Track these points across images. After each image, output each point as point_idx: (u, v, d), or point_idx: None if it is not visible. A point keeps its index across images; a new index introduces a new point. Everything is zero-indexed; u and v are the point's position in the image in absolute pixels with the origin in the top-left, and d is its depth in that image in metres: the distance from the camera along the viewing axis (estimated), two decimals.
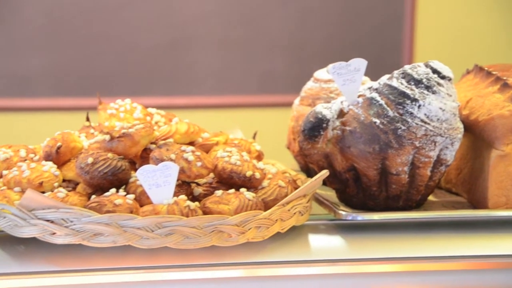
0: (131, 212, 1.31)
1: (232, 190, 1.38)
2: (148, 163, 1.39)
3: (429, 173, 1.49)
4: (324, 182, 1.51)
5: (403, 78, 1.47)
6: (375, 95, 1.47)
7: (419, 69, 1.47)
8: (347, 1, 3.50)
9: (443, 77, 1.47)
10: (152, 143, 1.45)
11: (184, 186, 1.40)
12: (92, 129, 1.58)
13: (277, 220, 1.36)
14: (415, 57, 3.54)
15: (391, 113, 1.44)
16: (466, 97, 1.59)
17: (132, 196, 1.34)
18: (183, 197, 1.35)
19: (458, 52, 3.53)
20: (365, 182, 1.49)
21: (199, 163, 1.39)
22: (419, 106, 1.44)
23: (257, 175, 1.42)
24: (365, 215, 1.47)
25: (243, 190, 1.39)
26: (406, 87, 1.45)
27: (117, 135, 1.41)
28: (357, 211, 1.50)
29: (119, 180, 1.38)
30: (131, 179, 1.39)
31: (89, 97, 3.29)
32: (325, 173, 1.43)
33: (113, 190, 1.35)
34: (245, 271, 1.36)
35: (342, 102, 1.50)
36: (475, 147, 1.57)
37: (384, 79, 1.49)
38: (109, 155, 1.39)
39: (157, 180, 1.33)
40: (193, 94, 3.48)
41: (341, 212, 1.47)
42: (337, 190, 1.56)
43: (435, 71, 1.47)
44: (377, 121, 1.44)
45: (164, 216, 1.29)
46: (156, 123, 1.59)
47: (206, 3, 3.42)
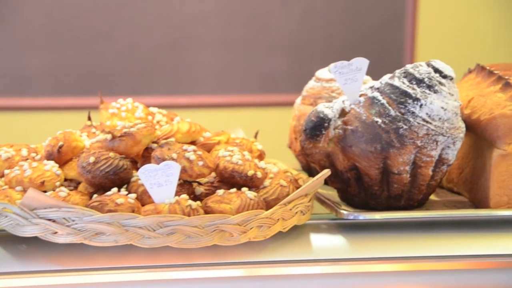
0: (133, 212, 1.31)
1: (234, 190, 1.38)
2: (149, 162, 1.39)
3: (430, 172, 1.49)
4: (326, 182, 1.51)
5: (405, 77, 1.47)
6: (376, 94, 1.47)
7: (420, 69, 1.47)
8: (348, 0, 3.50)
9: (445, 77, 1.47)
10: (153, 142, 1.45)
11: (186, 185, 1.40)
12: (94, 128, 1.58)
13: (278, 219, 1.36)
14: (416, 56, 3.53)
15: (392, 112, 1.44)
16: (468, 97, 1.58)
17: (133, 196, 1.35)
18: (184, 196, 1.35)
19: (459, 51, 3.53)
20: (366, 181, 1.49)
21: (200, 163, 1.39)
22: (420, 106, 1.43)
23: (259, 174, 1.42)
24: (366, 215, 1.47)
25: (244, 189, 1.39)
26: (408, 86, 1.45)
27: (118, 134, 1.41)
28: (358, 210, 1.50)
29: (120, 179, 1.38)
30: (133, 178, 1.39)
31: (90, 96, 3.29)
32: (326, 172, 1.43)
33: (114, 189, 1.35)
34: (246, 270, 1.36)
35: (343, 101, 1.50)
36: (477, 146, 1.57)
37: (386, 78, 1.49)
38: (111, 154, 1.39)
39: (159, 180, 1.33)
40: (194, 93, 3.48)
41: (342, 211, 1.47)
42: (338, 189, 1.56)
43: (437, 70, 1.47)
44: (379, 120, 1.44)
45: (166, 215, 1.29)
46: (158, 122, 1.59)
47: (208, 2, 3.42)
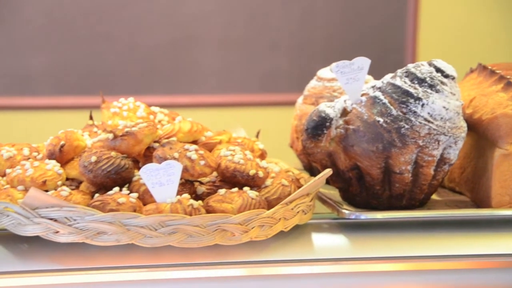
0: (135, 211, 1.31)
1: (235, 189, 1.38)
2: (151, 161, 1.39)
3: (432, 172, 1.49)
4: (327, 181, 1.51)
5: (407, 77, 1.47)
6: (378, 94, 1.47)
7: (422, 68, 1.47)
8: None
9: (446, 76, 1.47)
10: (155, 141, 1.45)
11: (187, 184, 1.40)
12: (95, 128, 1.58)
13: (280, 219, 1.36)
14: (418, 56, 3.53)
15: (394, 112, 1.44)
16: (470, 96, 1.58)
17: (135, 195, 1.34)
18: (186, 195, 1.35)
19: (461, 51, 3.53)
20: (368, 181, 1.49)
21: (202, 162, 1.39)
22: (422, 105, 1.43)
23: (260, 174, 1.42)
24: (368, 214, 1.46)
25: (246, 189, 1.39)
26: (410, 86, 1.45)
27: (120, 133, 1.41)
28: (360, 210, 1.50)
29: (122, 178, 1.38)
30: (135, 178, 1.39)
31: (91, 95, 3.29)
32: (328, 172, 1.43)
33: (116, 189, 1.35)
34: (248, 269, 1.36)
35: (345, 101, 1.50)
36: (479, 146, 1.57)
37: (388, 78, 1.49)
38: (113, 153, 1.39)
39: (161, 179, 1.33)
40: (195, 93, 3.48)
41: (344, 211, 1.47)
42: (340, 189, 1.56)
43: (438, 70, 1.47)
44: (381, 120, 1.44)
45: (168, 214, 1.29)
46: (159, 121, 1.59)
47: (208, 2, 3.42)
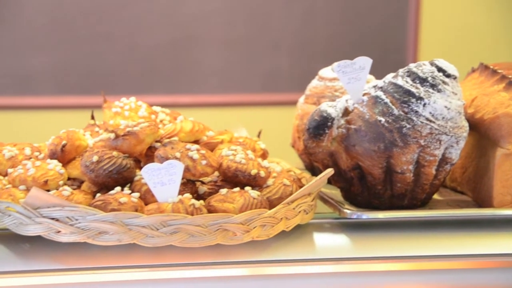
0: (136, 211, 1.31)
1: (237, 189, 1.38)
2: (153, 161, 1.39)
3: (434, 171, 1.49)
4: (329, 181, 1.51)
5: (408, 76, 1.47)
6: (380, 93, 1.47)
7: (424, 68, 1.47)
8: None
9: (448, 76, 1.47)
10: (157, 141, 1.45)
11: (189, 184, 1.40)
12: (97, 127, 1.58)
13: (282, 218, 1.36)
14: (419, 55, 3.53)
15: (396, 111, 1.44)
16: (471, 96, 1.58)
17: (137, 195, 1.34)
18: (188, 195, 1.35)
19: (463, 50, 3.53)
20: (370, 180, 1.49)
21: (204, 162, 1.39)
22: (424, 105, 1.43)
23: (262, 173, 1.42)
24: (370, 214, 1.46)
25: (248, 188, 1.39)
26: (411, 85, 1.45)
27: (122, 133, 1.41)
28: (362, 209, 1.50)
29: (124, 178, 1.38)
30: (136, 178, 1.39)
31: (93, 95, 3.30)
32: (330, 171, 1.43)
33: (118, 189, 1.35)
34: (249, 269, 1.36)
35: (347, 100, 1.50)
36: (480, 145, 1.56)
37: (389, 77, 1.49)
38: (114, 153, 1.39)
39: (162, 179, 1.33)
40: (197, 92, 3.48)
41: (346, 210, 1.47)
42: (342, 188, 1.56)
43: (440, 69, 1.47)
44: (382, 119, 1.44)
45: (169, 214, 1.29)
46: (161, 121, 1.59)
47: (210, 1, 3.42)
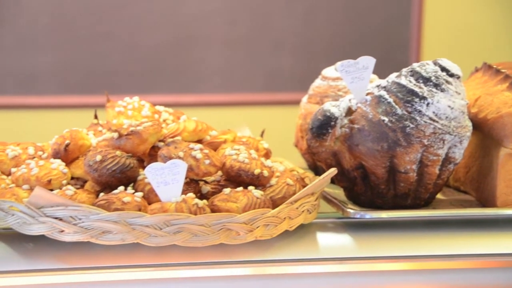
0: (139, 210, 1.31)
1: (240, 188, 1.38)
2: (156, 161, 1.39)
3: (437, 171, 1.48)
4: (332, 180, 1.51)
5: (412, 76, 1.46)
6: (383, 93, 1.47)
7: (427, 67, 1.47)
8: None
9: (451, 75, 1.46)
10: (160, 141, 1.45)
11: (192, 184, 1.40)
12: (100, 127, 1.58)
13: (285, 218, 1.36)
14: (422, 55, 3.53)
15: (399, 111, 1.44)
16: (475, 95, 1.58)
17: (140, 194, 1.35)
18: (191, 195, 1.35)
19: (466, 50, 3.53)
20: (373, 180, 1.49)
21: (207, 161, 1.39)
22: (427, 104, 1.43)
23: (265, 173, 1.42)
24: (373, 213, 1.46)
25: (251, 188, 1.39)
26: (415, 85, 1.45)
27: (125, 132, 1.41)
28: (365, 209, 1.50)
29: (127, 177, 1.38)
30: (139, 177, 1.39)
31: (96, 95, 3.30)
32: (333, 171, 1.43)
33: (121, 188, 1.35)
34: (253, 269, 1.36)
35: (350, 100, 1.50)
36: (484, 145, 1.56)
37: (393, 77, 1.49)
38: (118, 152, 1.39)
39: (165, 178, 1.33)
40: (199, 92, 3.48)
41: (349, 210, 1.47)
42: (345, 188, 1.56)
43: (443, 69, 1.47)
44: (386, 119, 1.44)
45: (173, 214, 1.29)
46: (164, 121, 1.59)
47: (212, 0, 3.42)
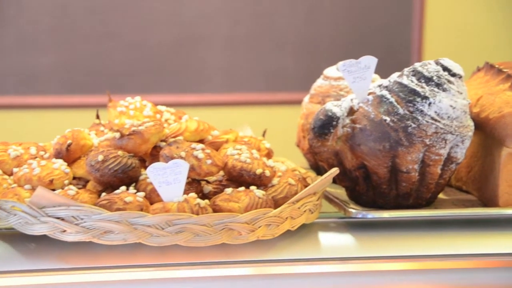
0: (141, 210, 1.31)
1: (242, 188, 1.38)
2: (158, 160, 1.39)
3: (439, 171, 1.48)
4: (334, 180, 1.51)
5: (414, 75, 1.46)
6: (385, 92, 1.46)
7: (429, 67, 1.47)
8: None
9: (453, 75, 1.46)
10: (162, 140, 1.45)
11: (194, 184, 1.40)
12: (102, 127, 1.58)
13: (287, 218, 1.36)
14: (424, 54, 3.53)
15: (401, 110, 1.44)
16: (477, 95, 1.58)
17: (142, 194, 1.35)
18: (193, 195, 1.35)
19: (468, 50, 3.52)
20: (375, 180, 1.49)
21: (209, 161, 1.39)
22: (429, 104, 1.43)
23: (267, 173, 1.42)
24: (375, 213, 1.46)
25: (253, 188, 1.39)
26: (417, 84, 1.45)
27: (127, 132, 1.41)
28: (367, 209, 1.50)
29: (129, 177, 1.38)
30: (141, 177, 1.39)
31: (97, 94, 3.30)
32: (335, 171, 1.43)
33: (123, 188, 1.35)
34: (255, 269, 1.36)
35: (352, 99, 1.50)
36: (486, 145, 1.56)
37: (394, 76, 1.49)
38: (119, 152, 1.39)
39: (167, 178, 1.33)
40: (201, 91, 3.48)
41: (351, 210, 1.47)
42: (347, 188, 1.56)
43: (445, 68, 1.47)
44: (387, 118, 1.44)
45: (174, 213, 1.29)
46: (166, 120, 1.59)
47: (215, 0, 3.42)
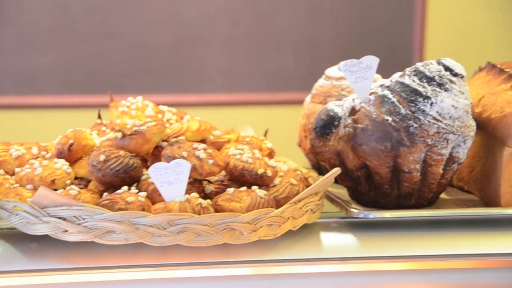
0: (143, 210, 1.31)
1: (244, 188, 1.38)
2: (159, 160, 1.39)
3: (441, 171, 1.48)
4: (336, 180, 1.51)
5: (415, 75, 1.46)
6: (387, 92, 1.46)
7: (431, 67, 1.46)
8: None
9: (455, 75, 1.46)
10: (164, 140, 1.45)
11: (196, 183, 1.40)
12: (104, 127, 1.58)
13: (288, 218, 1.36)
14: (425, 54, 3.52)
15: (403, 110, 1.44)
16: (479, 95, 1.58)
17: (144, 194, 1.34)
18: (195, 194, 1.35)
19: (469, 49, 3.52)
20: (377, 180, 1.49)
21: (210, 161, 1.39)
22: (431, 104, 1.43)
23: (269, 172, 1.41)
24: (377, 213, 1.46)
25: (254, 188, 1.39)
26: (418, 84, 1.45)
27: (128, 132, 1.41)
28: (369, 209, 1.50)
29: (131, 177, 1.38)
30: (143, 177, 1.39)
31: (99, 94, 3.30)
32: (336, 170, 1.43)
33: (125, 188, 1.35)
34: (256, 269, 1.36)
35: (353, 99, 1.50)
36: (488, 145, 1.56)
37: (396, 76, 1.49)
38: (121, 152, 1.39)
39: (169, 178, 1.33)
40: (202, 91, 3.48)
41: (352, 210, 1.47)
42: (348, 188, 1.56)
43: (447, 68, 1.46)
44: (389, 118, 1.44)
45: (176, 213, 1.29)
46: (168, 120, 1.59)
47: (215, 0, 3.42)
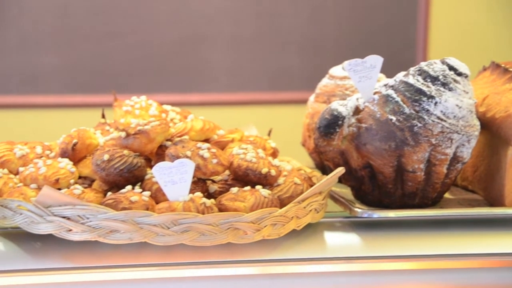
0: (147, 209, 1.31)
1: (248, 187, 1.38)
2: (163, 160, 1.39)
3: (445, 170, 1.48)
4: (340, 180, 1.51)
5: (419, 75, 1.46)
6: (391, 92, 1.46)
7: (435, 66, 1.46)
8: None
9: (459, 74, 1.46)
10: (167, 140, 1.45)
11: (200, 183, 1.40)
12: (108, 126, 1.58)
13: (292, 217, 1.36)
14: (429, 54, 3.52)
15: (407, 110, 1.43)
16: (483, 94, 1.58)
17: (148, 193, 1.35)
18: (198, 194, 1.35)
19: (473, 49, 3.52)
20: (380, 179, 1.49)
21: (214, 160, 1.39)
22: (435, 103, 1.43)
23: (273, 172, 1.41)
24: (380, 213, 1.46)
25: (258, 187, 1.39)
26: (423, 84, 1.45)
27: (132, 132, 1.41)
28: (372, 208, 1.49)
29: (135, 177, 1.38)
30: (147, 176, 1.39)
31: (102, 94, 3.30)
32: (340, 170, 1.43)
33: (129, 187, 1.35)
34: (260, 268, 1.36)
35: (357, 99, 1.50)
36: (492, 144, 1.56)
37: (400, 76, 1.49)
38: (125, 152, 1.39)
39: (173, 177, 1.33)
40: (206, 91, 3.48)
41: (356, 209, 1.47)
42: (352, 187, 1.56)
43: (451, 68, 1.46)
44: (393, 118, 1.44)
45: (180, 213, 1.29)
46: (172, 120, 1.59)
47: (218, 0, 3.42)
